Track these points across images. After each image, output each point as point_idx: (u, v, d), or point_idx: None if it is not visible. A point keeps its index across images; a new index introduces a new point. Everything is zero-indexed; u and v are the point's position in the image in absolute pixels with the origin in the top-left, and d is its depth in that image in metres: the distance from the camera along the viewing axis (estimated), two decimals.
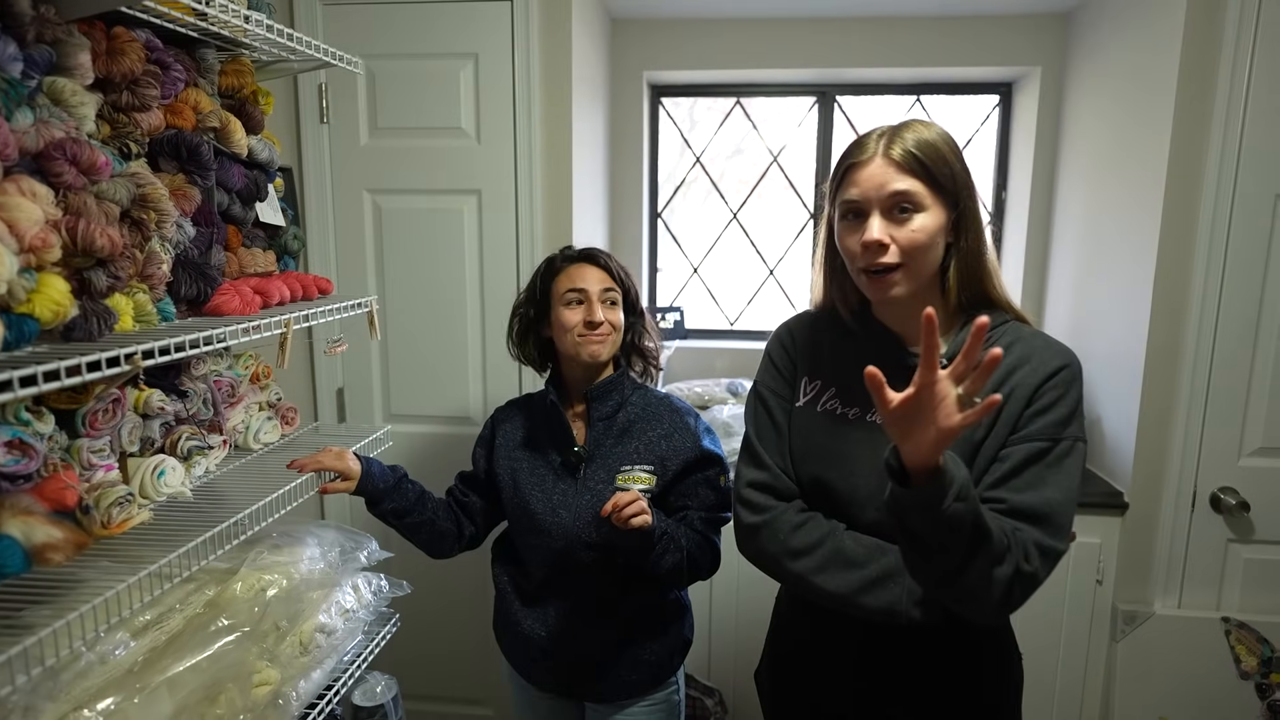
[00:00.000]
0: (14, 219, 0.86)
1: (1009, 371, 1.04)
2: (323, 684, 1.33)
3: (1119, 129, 2.12)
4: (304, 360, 2.19)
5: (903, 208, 1.02)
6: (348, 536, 1.47)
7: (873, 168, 1.03)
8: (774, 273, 2.79)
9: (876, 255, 1.03)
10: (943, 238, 1.05)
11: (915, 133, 1.03)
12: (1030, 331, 1.09)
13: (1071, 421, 1.03)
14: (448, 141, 2.06)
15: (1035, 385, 1.03)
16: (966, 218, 1.06)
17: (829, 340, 1.20)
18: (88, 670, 0.98)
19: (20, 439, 0.93)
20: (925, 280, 1.06)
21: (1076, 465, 1.02)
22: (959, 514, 0.89)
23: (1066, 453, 1.02)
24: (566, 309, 1.46)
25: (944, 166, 1.03)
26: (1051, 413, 1.02)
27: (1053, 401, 1.02)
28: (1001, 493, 1.01)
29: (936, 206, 1.03)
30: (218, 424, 1.32)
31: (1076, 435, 1.03)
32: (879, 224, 1.03)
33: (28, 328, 0.87)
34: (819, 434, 1.15)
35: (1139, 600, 2.09)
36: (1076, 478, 1.02)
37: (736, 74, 2.57)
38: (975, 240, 1.06)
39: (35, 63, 0.96)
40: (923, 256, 1.04)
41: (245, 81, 1.33)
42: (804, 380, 1.20)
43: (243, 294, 1.22)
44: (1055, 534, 0.99)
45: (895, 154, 1.02)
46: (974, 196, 1.06)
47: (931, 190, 1.03)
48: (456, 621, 2.25)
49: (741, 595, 2.20)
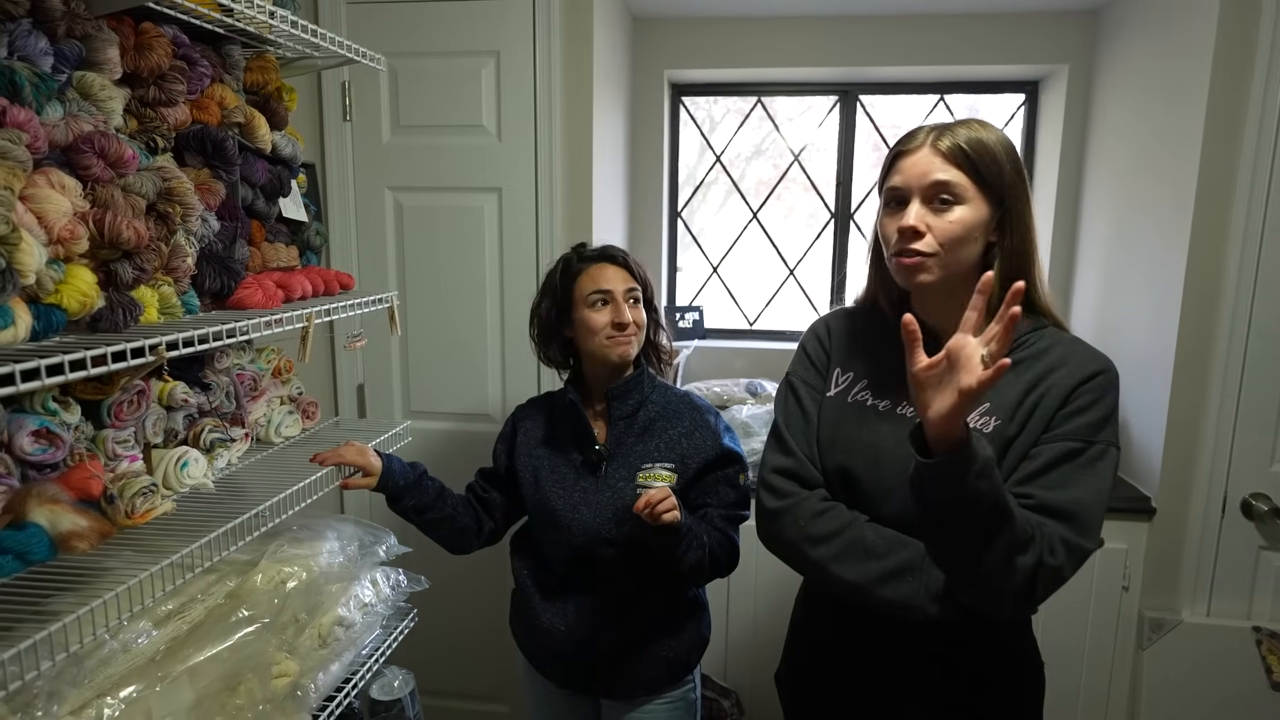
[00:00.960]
0: (43, 211, 0.87)
1: (1046, 372, 1.04)
2: (341, 677, 1.34)
3: (1149, 128, 2.08)
4: (325, 356, 2.21)
5: (943, 198, 1.03)
6: (366, 531, 1.47)
7: (918, 156, 1.05)
8: (794, 273, 2.78)
9: (910, 241, 1.04)
10: (983, 235, 1.05)
11: (969, 129, 1.04)
12: (1070, 338, 1.09)
13: (1106, 426, 1.02)
14: (469, 139, 2.07)
15: (1071, 387, 1.02)
16: (1013, 219, 1.05)
17: (865, 333, 1.21)
18: (111, 658, 0.99)
19: (48, 429, 0.94)
20: (957, 273, 1.06)
21: (1108, 470, 1.01)
22: (980, 491, 0.89)
23: (1099, 456, 1.01)
24: (592, 310, 1.46)
25: (992, 164, 1.03)
26: (1086, 415, 1.01)
27: (1088, 404, 1.02)
28: (1030, 489, 1.00)
29: (979, 202, 1.03)
30: (240, 417, 1.33)
31: (1110, 440, 1.02)
32: (917, 210, 1.04)
33: (55, 318, 0.88)
34: (847, 424, 1.15)
35: (1166, 607, 2.05)
36: (1108, 482, 1.01)
37: (758, 73, 2.56)
38: (1021, 243, 1.05)
39: (65, 57, 0.97)
40: (957, 249, 1.04)
41: (270, 78, 1.34)
42: (836, 371, 1.20)
43: (265, 288, 1.23)
44: (1082, 532, 0.98)
45: (943, 145, 1.03)
46: (1024, 200, 1.05)
47: (975, 185, 1.03)
48: (473, 618, 2.26)
49: (759, 596, 2.19)
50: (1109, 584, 2.04)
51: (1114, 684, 2.08)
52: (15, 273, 0.82)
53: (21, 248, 0.82)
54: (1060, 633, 2.05)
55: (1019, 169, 1.06)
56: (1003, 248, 1.06)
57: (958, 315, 1.05)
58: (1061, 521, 0.97)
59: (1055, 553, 0.96)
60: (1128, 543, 2.02)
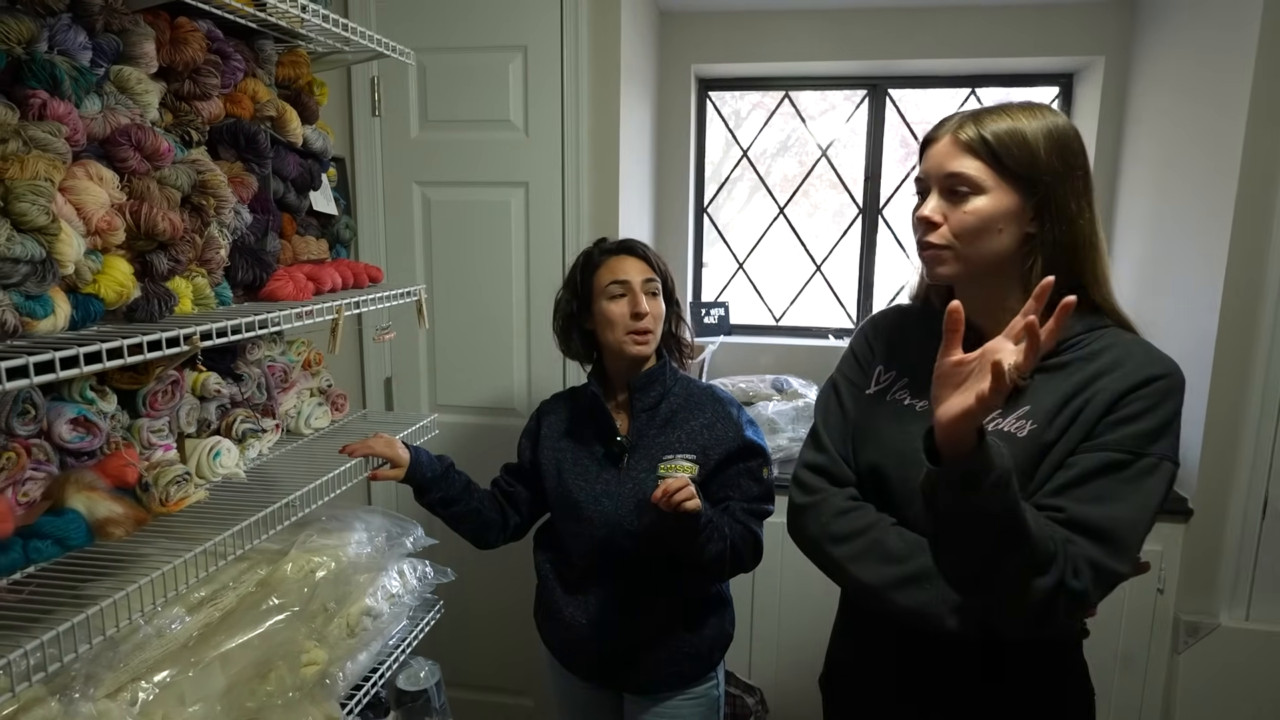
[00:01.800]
0: (81, 202, 0.89)
1: (1096, 375, 0.96)
2: (368, 666, 1.35)
3: (1188, 122, 2.03)
4: (353, 349, 2.23)
5: (959, 189, 0.99)
6: (394, 522, 1.49)
7: (939, 146, 1.01)
8: (821, 269, 2.75)
9: (927, 232, 1.01)
10: (1011, 226, 0.99)
11: (1001, 117, 0.98)
12: (1131, 339, 1.00)
13: (1160, 438, 0.93)
14: (496, 134, 2.08)
15: (1121, 392, 0.94)
16: (1053, 208, 0.98)
17: (912, 331, 1.17)
18: (145, 643, 1.01)
19: (85, 417, 0.96)
20: (985, 266, 1.01)
21: (1159, 487, 0.92)
22: (991, 505, 0.84)
23: (1149, 470, 0.92)
24: (610, 302, 1.46)
25: (1020, 152, 0.96)
26: (1136, 424, 0.93)
27: (1140, 412, 0.93)
28: (1061, 501, 0.93)
29: (1001, 192, 0.98)
30: (271, 408, 1.34)
31: (1165, 455, 0.93)
32: (934, 202, 1.01)
33: (93, 307, 0.89)
34: (882, 422, 1.12)
35: (1203, 611, 2.00)
36: (1155, 500, 0.92)
37: (785, 66, 2.54)
38: (1067, 234, 0.98)
39: (103, 51, 0.99)
40: (973, 240, 0.99)
41: (301, 72, 1.36)
42: (879, 369, 1.17)
43: (296, 280, 1.24)
44: (1115, 554, 0.90)
45: (963, 135, 0.99)
46: (1071, 188, 0.98)
47: (997, 174, 0.97)
48: (499, 611, 2.27)
49: (785, 594, 2.17)
50: (1143, 586, 2.00)
51: (1148, 688, 2.04)
52: (55, 263, 0.83)
53: (61, 238, 0.83)
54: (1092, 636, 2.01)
55: (1067, 156, 0.98)
56: (1042, 239, 0.99)
57: (999, 313, 1.02)
58: (1093, 541, 0.90)
59: (1080, 575, 0.88)
60: (1163, 545, 1.98)
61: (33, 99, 0.88)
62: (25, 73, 0.88)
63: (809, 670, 2.16)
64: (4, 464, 0.86)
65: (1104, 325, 1.01)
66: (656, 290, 1.49)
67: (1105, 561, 0.89)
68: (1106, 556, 0.89)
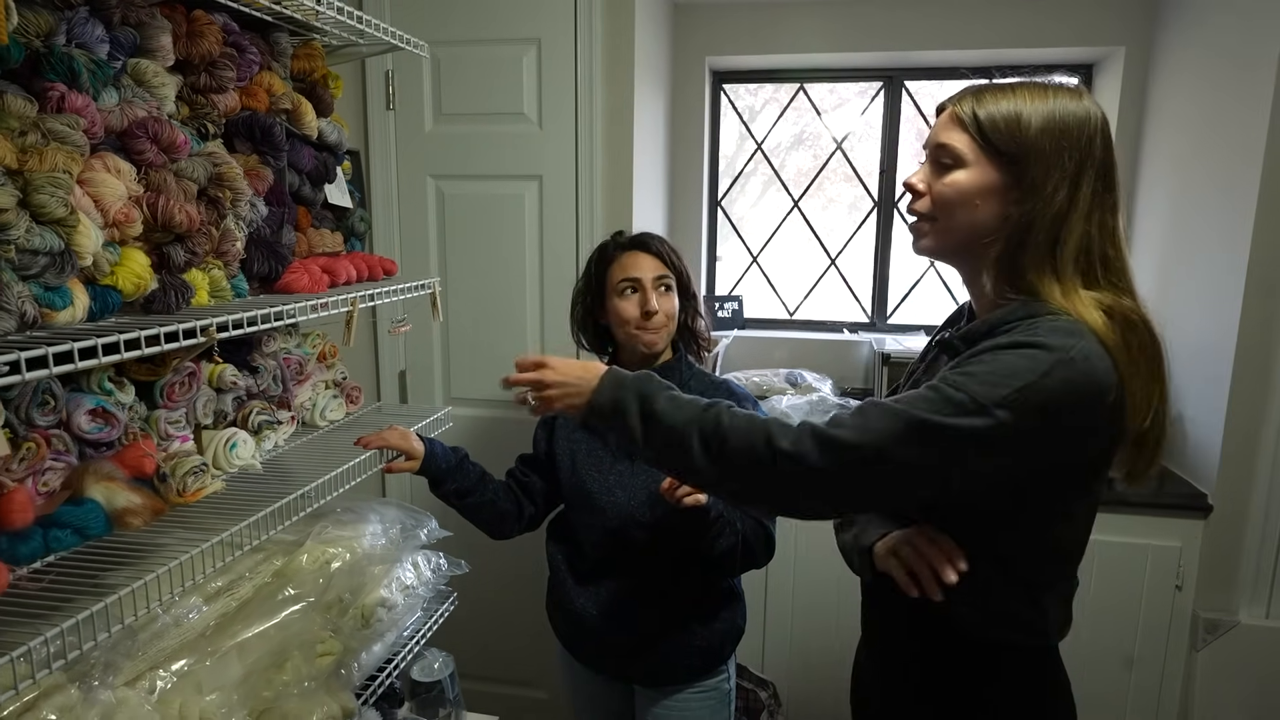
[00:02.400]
0: (100, 194, 0.89)
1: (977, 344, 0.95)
2: (383, 657, 1.36)
3: (1211, 113, 2.00)
4: (368, 342, 2.24)
5: (943, 161, 0.99)
6: (408, 514, 1.49)
7: (940, 118, 1.02)
8: (835, 263, 2.74)
9: (912, 201, 1.03)
10: (989, 203, 0.96)
11: (1002, 95, 0.95)
12: (1055, 326, 0.89)
13: (988, 384, 0.85)
14: (510, 127, 2.08)
15: (981, 350, 0.91)
16: (1031, 192, 0.93)
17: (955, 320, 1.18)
18: (163, 632, 1.02)
19: (104, 408, 0.96)
20: (963, 243, 1.00)
21: (964, 430, 0.84)
22: (610, 431, 1.03)
23: (956, 406, 0.85)
24: (621, 299, 1.47)
25: (1011, 131, 0.93)
26: (970, 365, 0.88)
27: (983, 360, 0.88)
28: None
29: (983, 167, 0.95)
30: (286, 400, 1.35)
31: (981, 398, 0.85)
32: (922, 170, 1.02)
33: (111, 299, 0.90)
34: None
35: (1222, 608, 1.98)
36: (927, 415, 0.85)
37: (800, 59, 2.52)
38: (1030, 215, 0.93)
39: (121, 44, 0.99)
40: (951, 213, 0.98)
41: (316, 65, 1.36)
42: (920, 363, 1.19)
43: (311, 273, 1.25)
44: (839, 424, 0.89)
45: (958, 109, 0.98)
46: (1053, 171, 0.92)
47: (981, 150, 0.95)
48: (512, 604, 2.28)
49: (798, 589, 2.17)
50: (1161, 583, 1.98)
51: (1165, 686, 2.02)
52: (74, 254, 0.84)
53: (80, 230, 0.84)
54: (1109, 632, 2.00)
55: (1063, 138, 0.92)
56: (1007, 219, 0.95)
57: (982, 297, 1.02)
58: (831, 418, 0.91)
59: (800, 441, 0.88)
60: (1181, 541, 1.96)
61: (51, 92, 0.88)
62: (44, 65, 0.89)
63: (822, 664, 2.16)
64: (24, 454, 0.87)
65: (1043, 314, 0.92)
66: (670, 285, 1.49)
67: (825, 430, 0.89)
68: (830, 426, 0.89)
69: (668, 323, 1.48)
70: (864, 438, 0.87)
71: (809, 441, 0.89)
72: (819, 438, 0.89)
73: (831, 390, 2.40)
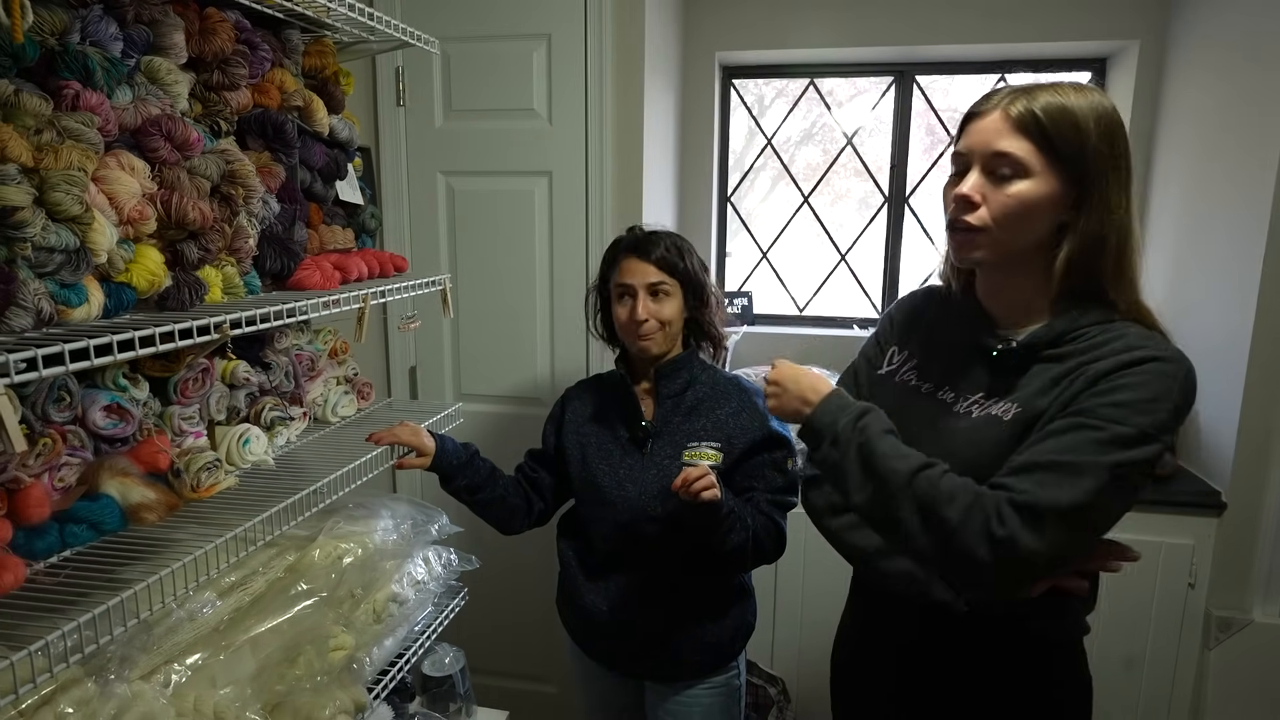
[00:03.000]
0: (114, 192, 0.90)
1: (1089, 361, 0.92)
2: (394, 652, 1.37)
3: (1226, 107, 1.98)
4: (379, 338, 2.25)
5: (1004, 171, 0.93)
6: (419, 510, 1.50)
7: (987, 121, 0.95)
8: (845, 259, 2.73)
9: (964, 211, 0.96)
10: (1050, 213, 0.94)
11: (1053, 94, 0.92)
12: (1144, 330, 0.94)
13: (1146, 411, 0.86)
14: (520, 123, 2.07)
15: (1107, 370, 0.89)
16: (1092, 199, 0.92)
17: (931, 313, 1.16)
18: (178, 626, 1.03)
19: (118, 404, 0.97)
20: (1015, 253, 0.97)
21: (1130, 458, 0.85)
22: (829, 456, 0.99)
23: (1122, 441, 0.85)
24: (618, 304, 1.49)
25: (1071, 135, 0.91)
26: (1119, 395, 0.87)
27: (1124, 386, 0.87)
28: (1020, 458, 0.90)
29: (1047, 176, 0.92)
30: (299, 396, 1.36)
31: (1146, 428, 0.86)
32: (975, 179, 0.96)
33: (126, 296, 0.91)
34: (886, 402, 1.10)
35: (1235, 606, 1.97)
36: (1122, 467, 0.85)
37: (810, 53, 2.51)
38: (1099, 226, 0.92)
39: (134, 42, 1.00)
40: (1013, 226, 0.94)
41: (327, 62, 1.36)
42: (893, 350, 1.17)
43: (323, 269, 1.25)
44: (1049, 488, 0.84)
45: (1014, 111, 0.92)
46: (1112, 179, 0.92)
47: (1045, 158, 0.92)
48: (523, 599, 2.28)
49: (808, 584, 2.16)
50: (1174, 581, 1.96)
51: (1177, 684, 2.01)
52: (89, 251, 0.84)
53: (94, 227, 0.84)
54: (1121, 630, 1.99)
55: (1113, 143, 0.92)
56: (1076, 229, 0.93)
57: (1015, 300, 1.00)
58: (1023, 476, 0.86)
59: (1005, 520, 0.85)
60: (1194, 539, 1.94)
61: (66, 90, 0.89)
62: (58, 64, 0.89)
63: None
64: (41, 450, 0.87)
65: (1113, 320, 0.95)
66: (668, 291, 1.46)
67: (1033, 496, 0.84)
68: (1038, 489, 0.85)
69: (661, 328, 1.46)
70: (1061, 497, 0.85)
71: (1014, 520, 0.85)
72: (1021, 512, 0.85)
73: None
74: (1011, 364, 0.99)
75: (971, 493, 0.88)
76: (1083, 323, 0.95)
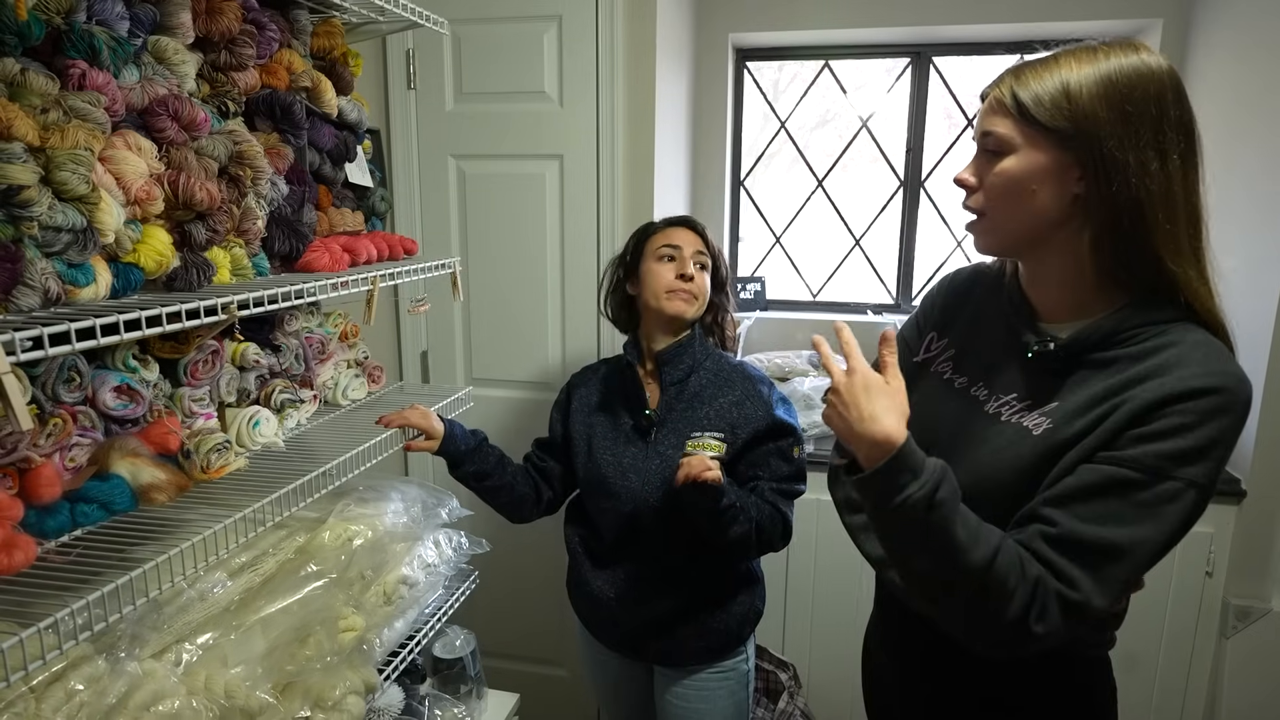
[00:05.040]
0: (121, 172, 0.89)
1: (1135, 379, 0.84)
2: (404, 634, 1.37)
3: (1251, 88, 1.94)
4: (389, 322, 2.25)
5: (990, 150, 0.91)
6: (430, 493, 1.50)
7: (984, 105, 0.94)
8: (860, 243, 2.70)
9: (966, 198, 0.95)
10: (1048, 187, 0.88)
11: (1044, 68, 0.87)
12: (1197, 341, 0.84)
13: (1193, 461, 0.80)
14: (531, 105, 2.06)
15: (1154, 402, 0.81)
16: (1106, 169, 0.84)
17: (979, 296, 1.08)
18: (189, 606, 1.03)
19: (128, 385, 0.97)
20: (1029, 235, 0.92)
21: (1175, 517, 0.80)
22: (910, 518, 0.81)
23: (1168, 497, 0.80)
24: (658, 263, 1.48)
25: (1057, 103, 0.85)
26: (1164, 442, 0.80)
27: (1172, 429, 0.80)
28: (1058, 514, 0.83)
29: (1029, 150, 0.88)
30: (309, 379, 1.36)
31: (1194, 480, 0.80)
32: (972, 164, 0.95)
33: (134, 276, 0.91)
34: (920, 395, 1.05)
35: (1254, 595, 1.94)
36: (1166, 533, 0.81)
37: (825, 35, 2.47)
38: (1123, 190, 0.84)
39: (140, 21, 0.99)
40: (1008, 205, 0.91)
41: (336, 43, 1.35)
42: (931, 335, 1.11)
43: (332, 251, 1.25)
44: (1097, 590, 0.80)
45: (996, 91, 0.91)
46: (1118, 140, 0.83)
47: (1027, 130, 0.87)
48: (533, 582, 2.29)
49: (819, 571, 2.16)
50: (1191, 569, 1.94)
51: (1193, 673, 1.99)
52: (96, 231, 0.84)
53: (101, 207, 0.84)
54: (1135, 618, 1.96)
55: (1127, 102, 0.83)
56: (1090, 200, 0.86)
57: (1056, 290, 0.94)
58: (1075, 563, 0.81)
59: (1048, 615, 0.80)
60: (1213, 526, 1.92)
61: (72, 69, 0.89)
62: (65, 43, 0.89)
63: (842, 646, 2.16)
64: (51, 430, 0.88)
65: (1170, 320, 0.86)
66: (706, 264, 1.50)
67: (1082, 598, 0.81)
68: (1087, 593, 0.81)
69: (700, 296, 1.48)
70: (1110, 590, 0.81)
71: (1057, 617, 0.81)
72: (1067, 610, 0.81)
73: None
74: (1051, 367, 0.92)
75: (1030, 584, 0.81)
76: (1133, 322, 0.87)
